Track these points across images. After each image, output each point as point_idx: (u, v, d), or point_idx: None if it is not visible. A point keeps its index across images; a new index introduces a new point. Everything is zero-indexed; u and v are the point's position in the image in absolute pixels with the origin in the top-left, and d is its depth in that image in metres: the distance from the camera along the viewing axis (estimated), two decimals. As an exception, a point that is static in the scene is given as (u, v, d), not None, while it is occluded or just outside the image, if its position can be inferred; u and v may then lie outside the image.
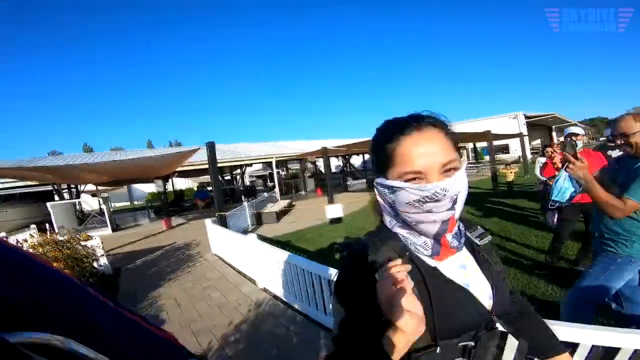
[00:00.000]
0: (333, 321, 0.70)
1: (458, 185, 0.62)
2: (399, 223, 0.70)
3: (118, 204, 23.11)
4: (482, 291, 0.69)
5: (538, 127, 29.83)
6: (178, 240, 8.58)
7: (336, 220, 8.18)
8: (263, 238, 6.19)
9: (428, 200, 0.60)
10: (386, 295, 0.56)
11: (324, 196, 13.19)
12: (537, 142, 28.11)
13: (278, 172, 16.95)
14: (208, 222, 6.61)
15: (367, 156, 25.34)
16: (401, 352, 0.56)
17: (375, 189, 0.72)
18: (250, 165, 20.83)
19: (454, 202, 0.62)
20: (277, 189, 15.75)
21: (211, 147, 7.06)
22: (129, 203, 24.40)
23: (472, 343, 0.65)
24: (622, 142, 1.67)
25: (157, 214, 15.34)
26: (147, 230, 11.21)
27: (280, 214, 10.42)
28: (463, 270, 0.70)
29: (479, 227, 0.81)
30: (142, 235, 10.11)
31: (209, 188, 17.39)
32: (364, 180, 18.83)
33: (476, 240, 0.77)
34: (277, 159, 16.05)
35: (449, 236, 0.66)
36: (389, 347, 0.55)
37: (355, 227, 7.51)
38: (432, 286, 0.64)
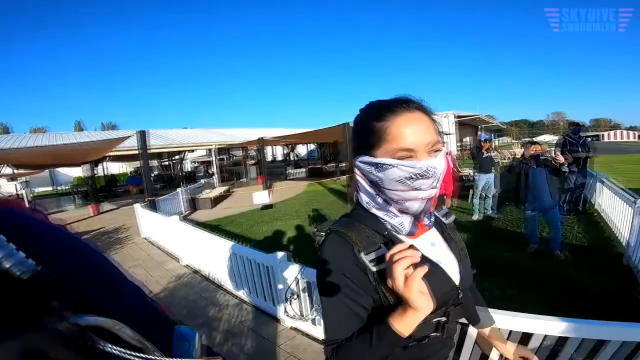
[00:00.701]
0: (322, 308, 0.69)
1: (442, 164, 0.65)
2: (377, 205, 0.70)
3: (39, 189, 21.03)
4: (451, 267, 0.73)
5: (466, 126, 33.10)
6: (107, 225, 8.51)
7: (268, 206, 8.80)
8: (195, 222, 6.58)
9: (419, 177, 0.63)
10: (400, 278, 0.57)
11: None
12: (466, 140, 31.32)
13: (221, 159, 16.94)
14: (138, 206, 6.79)
15: (311, 146, 26.11)
16: (412, 329, 0.61)
17: (356, 169, 0.72)
18: (193, 151, 20.39)
19: (438, 180, 0.65)
20: (216, 176, 15.84)
21: (142, 135, 7.17)
22: (51, 188, 22.33)
23: (445, 318, 0.70)
24: None
25: (85, 199, 14.49)
26: (72, 216, 10.68)
27: (217, 200, 10.71)
28: (433, 247, 0.74)
29: (443, 206, 0.86)
30: (67, 221, 9.66)
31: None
32: (304, 170, 19.61)
33: (443, 219, 0.82)
34: (217, 146, 16.07)
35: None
36: (403, 326, 0.59)
37: (285, 211, 8.21)
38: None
